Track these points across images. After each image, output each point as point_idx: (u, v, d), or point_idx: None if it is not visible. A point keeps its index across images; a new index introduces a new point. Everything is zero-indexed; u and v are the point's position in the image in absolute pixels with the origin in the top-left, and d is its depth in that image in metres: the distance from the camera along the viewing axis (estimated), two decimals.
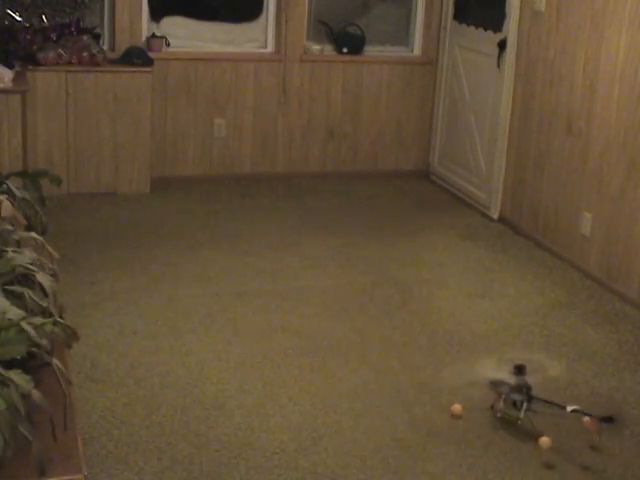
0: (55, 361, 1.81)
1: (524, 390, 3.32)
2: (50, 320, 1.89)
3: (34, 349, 1.79)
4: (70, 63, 5.61)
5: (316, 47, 6.43)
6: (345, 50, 6.49)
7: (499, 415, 3.37)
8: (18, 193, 2.66)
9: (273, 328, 4.11)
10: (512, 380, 3.37)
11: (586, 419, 3.24)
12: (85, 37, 5.66)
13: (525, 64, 5.55)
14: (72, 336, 1.97)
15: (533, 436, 3.26)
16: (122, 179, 5.86)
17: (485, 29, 5.96)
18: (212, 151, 6.33)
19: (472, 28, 6.14)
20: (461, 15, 6.32)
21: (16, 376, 1.68)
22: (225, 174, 6.36)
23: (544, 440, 3.18)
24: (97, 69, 5.66)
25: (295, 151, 6.52)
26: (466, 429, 3.36)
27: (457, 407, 3.39)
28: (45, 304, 1.98)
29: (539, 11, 5.36)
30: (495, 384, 3.42)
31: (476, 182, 6.10)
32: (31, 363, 1.82)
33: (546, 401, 3.36)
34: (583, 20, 4.96)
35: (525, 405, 3.30)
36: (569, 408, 3.32)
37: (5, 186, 2.68)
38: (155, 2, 6.16)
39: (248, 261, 4.90)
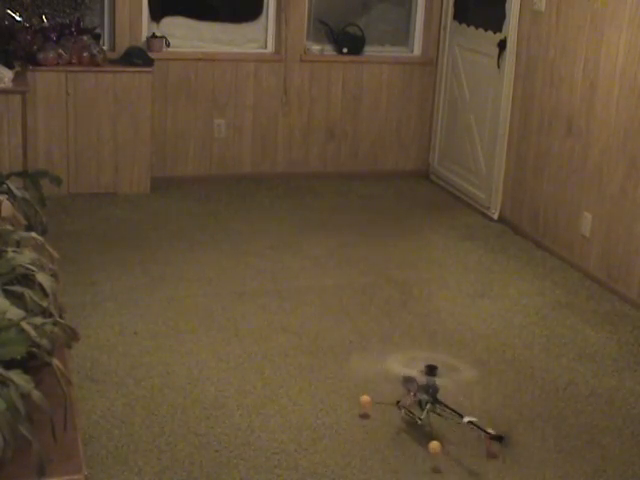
0: (55, 361, 1.81)
1: (430, 391, 3.27)
2: (50, 320, 1.89)
3: (34, 349, 1.79)
4: (70, 63, 5.61)
5: (316, 47, 6.43)
6: (345, 50, 6.49)
7: (403, 412, 3.31)
8: (18, 193, 2.66)
9: (273, 328, 4.11)
10: (422, 379, 3.32)
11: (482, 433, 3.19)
12: (85, 37, 5.66)
13: (525, 64, 5.55)
14: (72, 336, 1.97)
15: (428, 438, 3.20)
16: (122, 179, 5.86)
17: (485, 29, 5.96)
18: (212, 151, 6.33)
19: (472, 28, 6.14)
20: (461, 15, 6.32)
21: (16, 376, 1.68)
22: (225, 174, 6.36)
23: (434, 444, 3.10)
24: (97, 69, 5.66)
25: (295, 151, 6.52)
26: (465, 429, 3.36)
27: (365, 398, 3.33)
28: (45, 304, 1.98)
29: (539, 11, 5.36)
30: (406, 380, 3.36)
31: (476, 182, 6.10)
32: (31, 363, 1.82)
33: (447, 407, 3.28)
34: (583, 20, 4.96)
35: (429, 406, 3.24)
36: (466, 419, 3.22)
37: (5, 186, 2.68)
38: (155, 2, 6.16)
39: (248, 261, 4.90)
